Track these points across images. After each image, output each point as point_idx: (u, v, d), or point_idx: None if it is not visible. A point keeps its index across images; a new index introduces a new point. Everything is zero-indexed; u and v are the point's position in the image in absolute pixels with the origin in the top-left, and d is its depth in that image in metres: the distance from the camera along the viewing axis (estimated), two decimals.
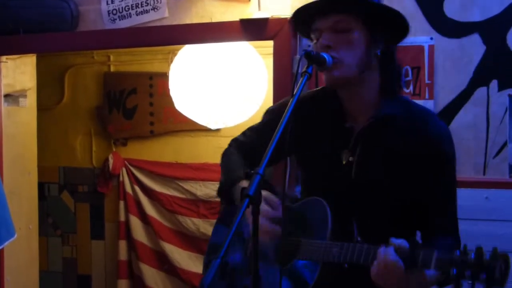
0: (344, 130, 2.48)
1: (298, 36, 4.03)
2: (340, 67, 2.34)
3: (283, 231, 2.49)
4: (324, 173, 2.54)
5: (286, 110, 2.11)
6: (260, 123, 2.85)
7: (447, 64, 3.78)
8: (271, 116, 2.77)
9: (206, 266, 2.88)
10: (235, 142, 2.95)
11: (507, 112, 3.68)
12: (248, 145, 2.83)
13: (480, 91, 3.72)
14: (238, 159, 2.85)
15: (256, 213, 1.91)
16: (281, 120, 2.08)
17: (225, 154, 2.95)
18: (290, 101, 2.14)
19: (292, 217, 2.57)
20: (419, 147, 2.36)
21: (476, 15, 3.73)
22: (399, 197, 2.40)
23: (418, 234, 2.50)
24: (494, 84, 3.70)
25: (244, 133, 2.92)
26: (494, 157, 3.70)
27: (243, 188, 1.88)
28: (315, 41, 2.42)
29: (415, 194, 2.39)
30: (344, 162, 2.46)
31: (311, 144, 2.57)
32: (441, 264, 1.95)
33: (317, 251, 2.35)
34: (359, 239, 2.31)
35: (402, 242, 2.08)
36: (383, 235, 2.19)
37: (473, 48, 3.73)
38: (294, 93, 2.17)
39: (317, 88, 2.71)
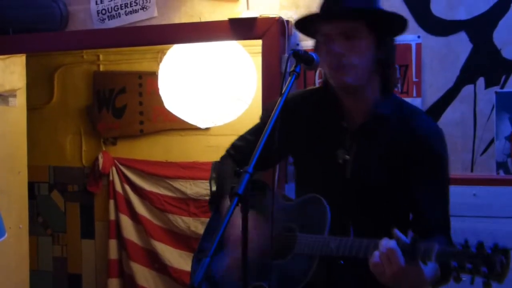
0: (341, 128, 2.51)
1: (286, 35, 4.05)
2: (353, 74, 2.37)
3: (280, 226, 2.53)
4: (320, 171, 2.56)
5: (274, 110, 2.13)
6: (256, 124, 2.87)
7: (435, 62, 3.81)
8: (266, 115, 2.77)
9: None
10: (232, 148, 2.96)
11: (494, 110, 3.70)
12: (245, 148, 2.81)
13: (467, 89, 3.75)
14: (230, 169, 2.83)
15: (245, 211, 1.92)
16: (269, 120, 2.10)
17: (219, 162, 2.97)
18: (279, 100, 2.16)
19: (290, 213, 2.59)
20: (411, 147, 2.39)
21: (462, 14, 3.75)
22: (393, 196, 2.43)
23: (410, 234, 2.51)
24: (481, 81, 3.72)
25: (241, 137, 2.93)
26: (482, 154, 3.73)
27: (232, 187, 1.89)
28: (321, 44, 2.44)
29: (408, 193, 2.41)
30: (340, 161, 2.48)
31: (307, 142, 2.60)
32: (442, 257, 1.96)
33: (315, 245, 2.37)
34: (352, 235, 2.34)
35: (403, 236, 2.10)
36: (378, 233, 2.21)
37: (460, 46, 3.76)
38: (283, 92, 2.19)
39: (314, 87, 2.73)
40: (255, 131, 2.84)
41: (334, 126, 2.52)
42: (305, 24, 2.54)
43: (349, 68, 2.36)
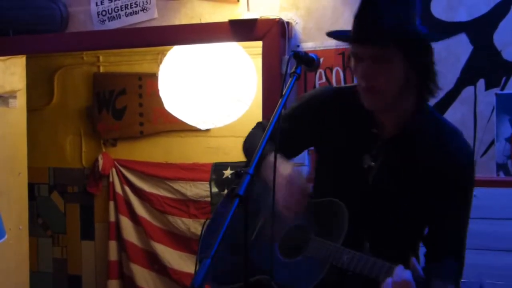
0: (371, 135, 2.46)
1: (286, 36, 4.05)
2: (380, 98, 2.33)
3: (296, 221, 2.52)
4: (343, 172, 2.53)
5: (275, 109, 2.13)
6: (290, 109, 2.74)
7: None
8: (303, 106, 2.71)
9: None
10: (260, 123, 2.89)
11: (494, 111, 3.70)
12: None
13: (467, 91, 3.75)
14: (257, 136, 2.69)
15: (246, 212, 1.92)
16: (271, 118, 2.10)
17: (249, 135, 2.86)
18: (279, 101, 2.16)
19: (307, 211, 2.54)
20: (440, 166, 2.34)
21: (463, 15, 3.75)
22: (411, 210, 2.40)
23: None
24: (481, 83, 3.72)
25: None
26: (482, 155, 3.73)
27: (233, 188, 1.89)
28: (353, 61, 2.39)
29: (428, 210, 2.39)
30: (365, 166, 2.45)
31: (335, 139, 2.55)
32: None
33: (327, 252, 2.35)
34: (367, 244, 2.31)
35: (419, 269, 2.06)
36: (391, 242, 2.20)
37: (460, 47, 3.75)
38: (283, 93, 2.18)
39: (351, 85, 2.69)
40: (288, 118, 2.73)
41: (364, 131, 2.47)
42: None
43: (376, 92, 2.32)
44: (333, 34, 2.53)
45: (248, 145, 2.79)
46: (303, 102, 2.70)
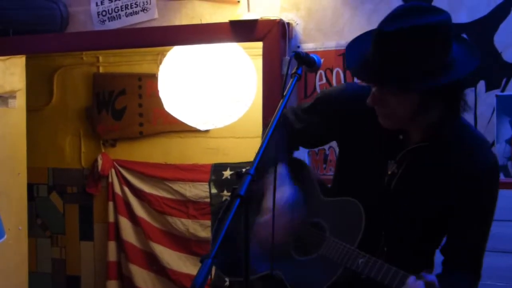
0: (397, 141, 2.42)
1: (287, 37, 4.05)
2: (391, 118, 2.31)
3: (310, 218, 2.53)
4: (365, 174, 2.50)
5: (276, 111, 2.12)
6: (311, 105, 2.71)
7: None
8: (325, 105, 2.66)
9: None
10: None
11: (494, 113, 3.70)
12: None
13: (468, 92, 3.74)
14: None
15: (246, 213, 1.92)
16: (271, 121, 2.09)
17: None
18: (280, 102, 2.15)
19: (324, 209, 2.55)
20: (464, 176, 2.32)
21: (463, 17, 3.75)
22: (431, 219, 2.39)
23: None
24: (481, 85, 3.72)
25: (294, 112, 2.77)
26: None
27: (234, 188, 1.89)
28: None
29: (448, 220, 2.38)
30: (388, 172, 2.43)
31: (361, 141, 2.52)
32: None
33: (342, 254, 2.34)
34: (385, 249, 2.33)
35: (433, 279, 2.06)
36: (408, 249, 2.19)
37: None
38: (284, 94, 2.18)
39: None
40: (308, 111, 2.71)
41: (391, 136, 2.42)
42: None
43: (387, 117, 2.31)
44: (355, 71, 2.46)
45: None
46: (332, 95, 2.66)
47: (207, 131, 6.02)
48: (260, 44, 4.19)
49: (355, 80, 3.33)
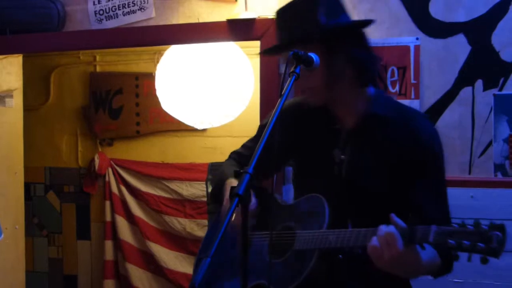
0: (334, 130, 2.52)
1: None
2: (315, 93, 2.42)
3: (280, 226, 2.56)
4: (318, 173, 2.57)
5: (274, 111, 2.12)
6: (257, 133, 2.88)
7: (433, 64, 3.81)
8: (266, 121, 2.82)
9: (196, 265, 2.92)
10: (234, 153, 2.97)
11: (492, 112, 3.70)
12: (247, 156, 2.81)
13: (465, 91, 3.75)
14: (232, 165, 2.86)
15: (245, 212, 1.92)
16: (268, 121, 2.09)
17: (222, 165, 2.95)
18: (278, 101, 2.15)
19: (289, 213, 2.59)
20: (409, 147, 2.39)
21: (461, 16, 3.75)
22: (390, 195, 2.41)
23: None
24: (479, 83, 3.73)
25: (243, 145, 2.95)
26: (480, 156, 3.73)
27: (232, 187, 1.89)
28: None
29: (406, 193, 2.40)
30: (336, 161, 2.49)
31: (306, 146, 2.60)
32: (440, 236, 1.96)
33: (314, 240, 2.37)
34: (350, 226, 2.35)
35: (401, 221, 2.09)
36: (374, 225, 2.20)
37: (459, 48, 3.76)
38: (282, 93, 2.18)
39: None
40: (253, 140, 2.89)
41: (328, 129, 2.54)
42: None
43: (310, 92, 2.44)
44: (265, 52, 2.70)
45: (219, 171, 2.90)
46: (261, 127, 2.81)
47: (204, 130, 6.03)
48: (257, 43, 4.19)
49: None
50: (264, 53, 2.76)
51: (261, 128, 2.89)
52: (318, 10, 2.40)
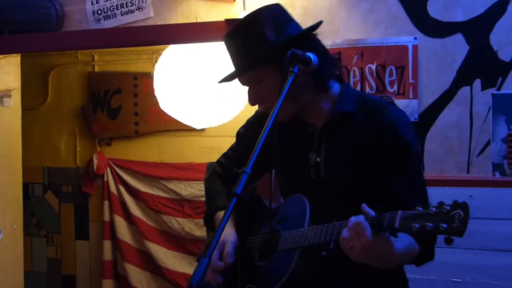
0: (306, 134, 2.53)
1: None
2: (279, 112, 2.33)
3: (265, 230, 2.58)
4: (297, 177, 2.58)
5: (271, 112, 2.13)
6: (236, 141, 2.98)
7: (431, 64, 3.81)
8: (248, 128, 2.92)
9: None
10: (219, 165, 3.02)
11: (490, 111, 3.70)
12: (231, 166, 2.83)
13: (464, 91, 3.75)
14: (217, 186, 2.91)
15: (242, 212, 1.92)
16: (266, 122, 2.10)
17: (208, 180, 3.01)
18: (276, 101, 2.16)
19: (273, 217, 2.60)
20: (377, 138, 2.39)
21: (459, 15, 3.75)
22: (370, 190, 2.40)
23: None
24: (477, 83, 3.73)
25: (225, 156, 3.02)
26: (478, 155, 3.73)
27: (231, 187, 1.90)
28: None
29: (384, 185, 2.40)
30: (312, 163, 2.50)
31: (281, 152, 2.57)
32: (405, 221, 1.94)
33: (295, 239, 2.37)
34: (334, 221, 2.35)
35: (371, 211, 2.08)
36: None
37: (457, 48, 3.76)
38: (281, 92, 2.18)
39: None
40: (234, 149, 2.99)
41: (301, 133, 2.55)
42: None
43: (271, 109, 2.37)
44: (222, 81, 2.77)
45: (206, 191, 2.99)
46: (251, 126, 2.87)
47: (202, 130, 6.02)
48: None
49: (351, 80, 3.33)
50: (221, 82, 2.77)
51: (239, 136, 2.96)
52: (265, 28, 2.45)
